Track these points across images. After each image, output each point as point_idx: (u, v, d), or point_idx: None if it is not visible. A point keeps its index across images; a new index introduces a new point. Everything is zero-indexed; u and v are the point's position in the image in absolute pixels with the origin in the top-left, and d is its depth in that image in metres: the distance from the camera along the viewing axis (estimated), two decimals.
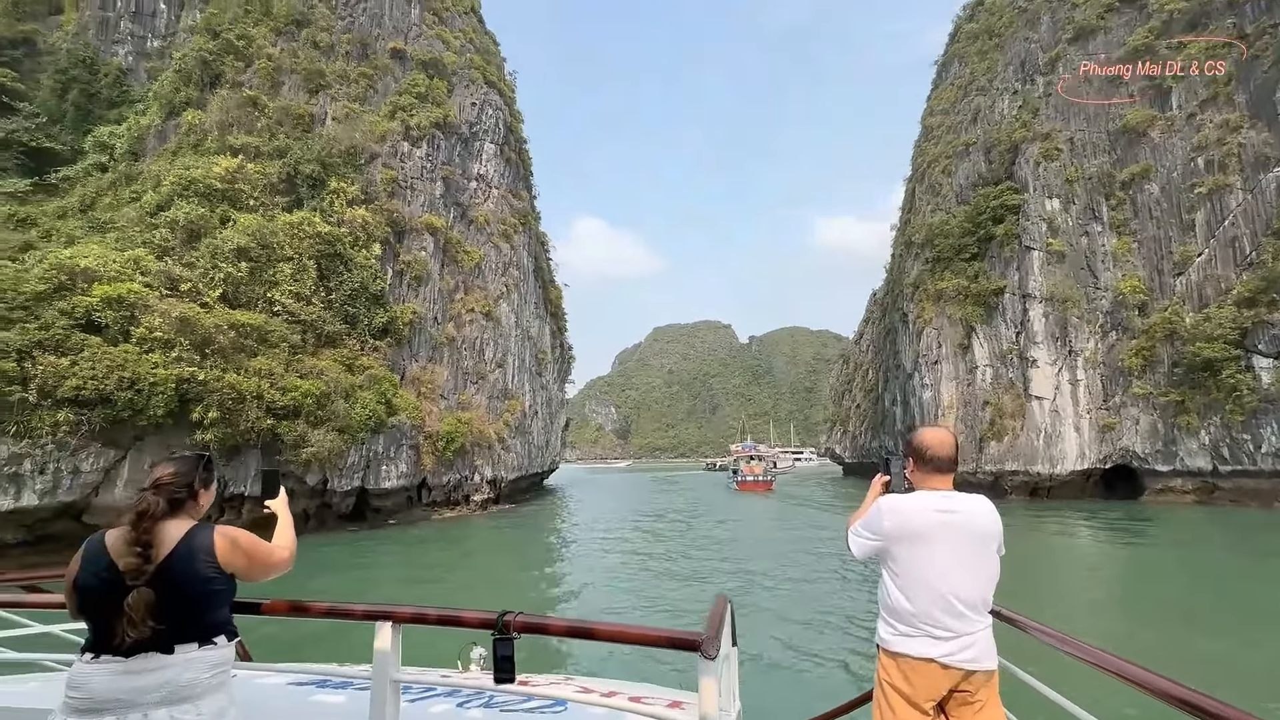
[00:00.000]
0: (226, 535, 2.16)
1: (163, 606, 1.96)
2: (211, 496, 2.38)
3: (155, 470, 2.20)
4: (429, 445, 35.44)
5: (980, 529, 2.65)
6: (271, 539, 2.40)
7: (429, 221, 41.52)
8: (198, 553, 2.08)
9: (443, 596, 17.39)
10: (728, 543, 27.61)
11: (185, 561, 2.05)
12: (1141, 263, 40.57)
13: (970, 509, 2.67)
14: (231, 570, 2.16)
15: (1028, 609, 2.66)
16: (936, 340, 48.80)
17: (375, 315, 35.35)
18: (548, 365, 59.49)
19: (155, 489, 2.13)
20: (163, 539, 2.05)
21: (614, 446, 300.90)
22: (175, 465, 2.24)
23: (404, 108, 44.48)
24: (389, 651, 2.22)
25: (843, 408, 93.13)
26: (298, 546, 2.50)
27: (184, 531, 2.10)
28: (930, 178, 56.02)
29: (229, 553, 2.14)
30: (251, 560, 2.21)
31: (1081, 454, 40.23)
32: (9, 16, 47.94)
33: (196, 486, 2.26)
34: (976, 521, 2.65)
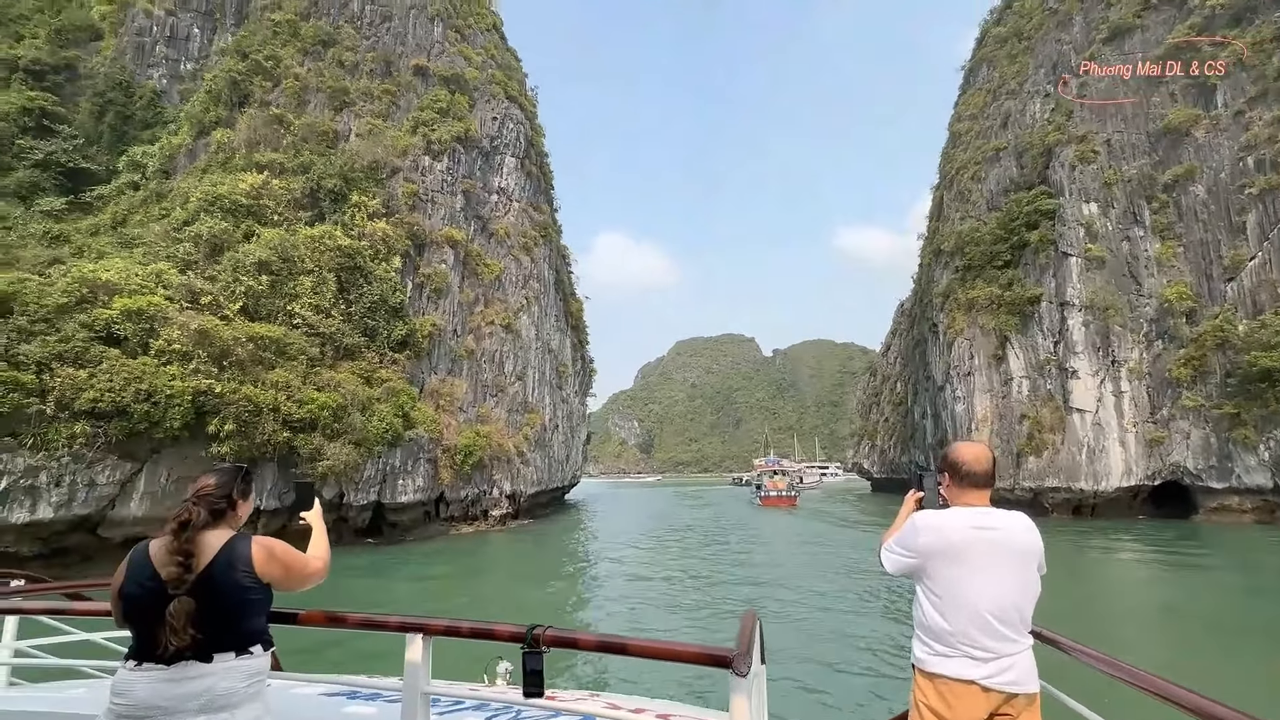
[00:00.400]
0: (264, 545, 2.23)
1: (202, 615, 2.02)
2: (250, 507, 2.44)
3: (197, 481, 2.28)
4: (447, 459, 35.02)
5: (1020, 546, 2.57)
6: (305, 550, 2.47)
7: (449, 234, 41.54)
8: (236, 562, 2.14)
9: (461, 614, 16.70)
10: (748, 562, 26.43)
11: (224, 571, 2.11)
12: (1188, 268, 38.56)
13: (1010, 525, 2.60)
14: (268, 580, 2.22)
15: (1073, 632, 2.56)
16: (969, 351, 47.03)
17: (394, 328, 35.23)
18: (568, 378, 59.02)
19: (197, 500, 2.20)
20: (203, 549, 2.11)
21: (637, 461, 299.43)
22: (216, 477, 2.31)
23: (425, 123, 44.84)
24: (420, 664, 2.25)
25: (870, 421, 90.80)
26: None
27: (224, 541, 2.16)
28: (959, 184, 54.50)
29: (266, 562, 2.20)
30: (288, 570, 2.27)
31: (1128, 470, 38.06)
32: (52, 44, 49.84)
33: (235, 497, 2.32)
34: (1017, 539, 2.58)
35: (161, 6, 53.07)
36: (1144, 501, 39.54)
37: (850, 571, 23.09)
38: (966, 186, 53.32)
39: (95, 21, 52.56)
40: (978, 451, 2.75)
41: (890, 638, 13.67)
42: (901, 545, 2.70)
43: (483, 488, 38.26)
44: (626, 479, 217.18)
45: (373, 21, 51.62)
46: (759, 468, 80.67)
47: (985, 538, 2.54)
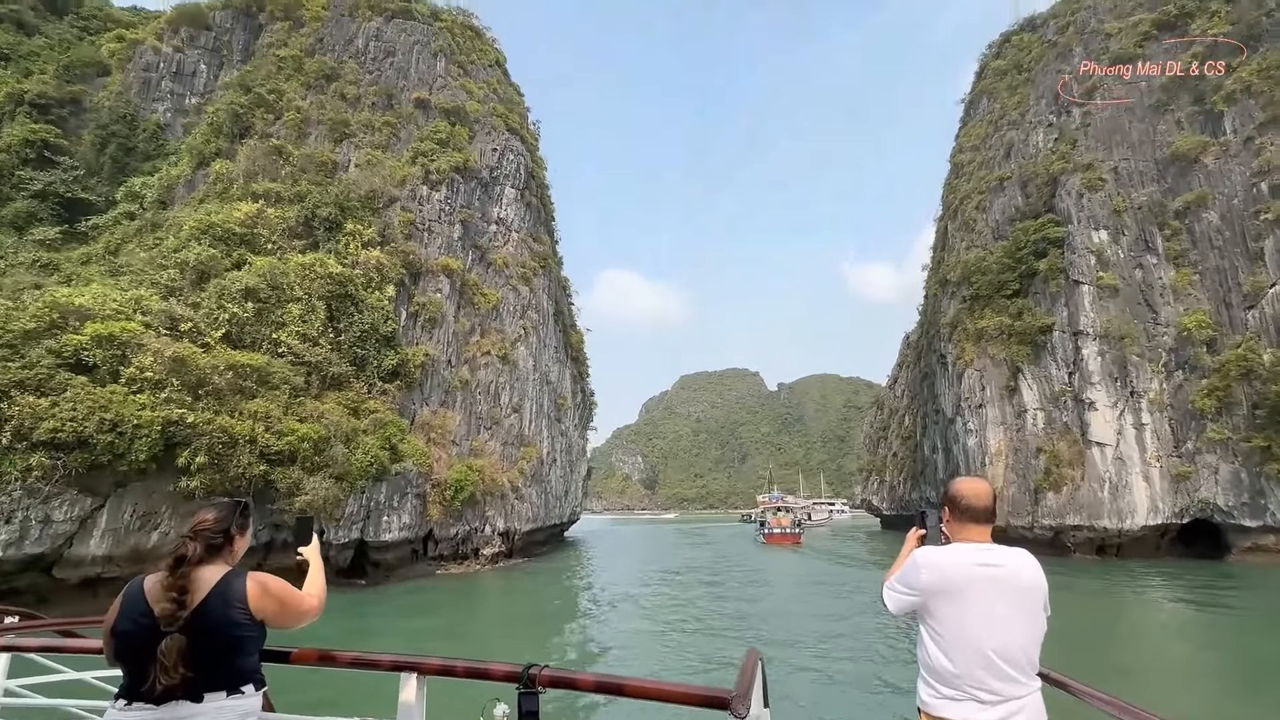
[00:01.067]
0: (258, 580, 2.21)
1: (194, 653, 2.00)
2: (247, 542, 2.41)
3: (195, 516, 2.27)
4: (436, 494, 33.46)
5: (1024, 584, 2.49)
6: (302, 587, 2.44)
7: (445, 263, 40.86)
8: (231, 599, 2.11)
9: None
10: (748, 611, 24.57)
11: (218, 608, 2.08)
12: (1205, 296, 37.33)
13: (1013, 563, 2.52)
14: (262, 617, 2.18)
15: (1100, 681, 2.44)
16: (979, 382, 45.54)
17: (385, 357, 34.15)
18: (568, 411, 57.62)
19: (194, 535, 2.19)
20: (198, 584, 2.09)
21: (641, 497, 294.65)
22: (214, 511, 2.30)
23: (425, 153, 44.71)
24: (414, 705, 2.24)
25: (878, 456, 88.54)
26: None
27: (219, 577, 2.15)
28: (963, 214, 53.88)
29: (260, 598, 2.17)
30: (283, 606, 2.25)
31: (1154, 507, 36.08)
32: (59, 79, 50.50)
33: (233, 532, 2.30)
34: (1020, 576, 2.50)
35: (170, 44, 54.03)
36: (1172, 541, 37.41)
37: (857, 613, 21.47)
38: (971, 216, 52.66)
39: (104, 58, 53.41)
40: (978, 486, 2.73)
41: (896, 682, 13.31)
42: (903, 583, 2.66)
43: (474, 525, 36.54)
44: (638, 514, 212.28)
45: (376, 57, 52.24)
46: (762, 504, 78.50)
47: (988, 575, 2.48)
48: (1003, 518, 41.94)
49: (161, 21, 56.32)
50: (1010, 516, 41.54)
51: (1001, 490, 42.59)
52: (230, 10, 57.03)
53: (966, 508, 2.65)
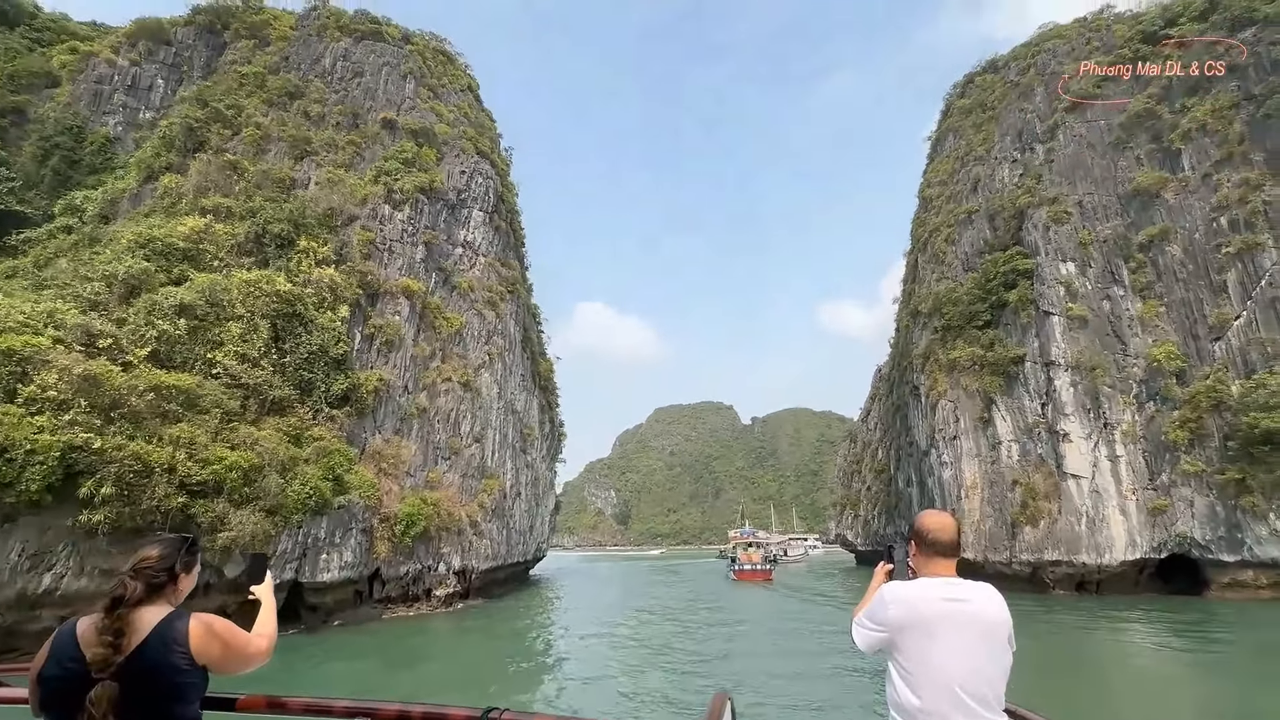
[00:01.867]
0: (203, 621, 2.08)
1: (127, 702, 1.86)
2: (193, 581, 2.30)
3: (137, 552, 2.15)
4: (385, 530, 30.95)
5: (990, 619, 2.48)
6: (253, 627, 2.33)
7: (406, 285, 39.05)
8: (171, 642, 1.99)
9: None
10: (719, 654, 22.65)
11: (157, 651, 1.96)
12: (1172, 327, 37.50)
13: (978, 597, 2.53)
14: (204, 661, 2.05)
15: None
16: (953, 414, 44.96)
17: (335, 381, 31.94)
18: (534, 441, 55.39)
19: (134, 573, 2.06)
20: (136, 627, 1.97)
21: (614, 532, 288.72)
22: (158, 547, 2.18)
23: (389, 172, 43.28)
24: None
25: (852, 490, 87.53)
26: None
27: (160, 618, 2.02)
28: (933, 247, 54.29)
29: (204, 640, 2.05)
30: (227, 649, 2.12)
31: (1131, 541, 35.32)
32: (3, 89, 48.20)
33: (178, 570, 2.19)
34: (987, 611, 2.49)
35: (126, 56, 52.24)
36: (1151, 576, 36.59)
37: (828, 654, 19.93)
38: (940, 248, 53.04)
39: (54, 70, 51.31)
40: (943, 520, 2.75)
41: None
42: (871, 619, 2.63)
43: (427, 563, 33.92)
44: (621, 550, 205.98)
45: (343, 77, 51.15)
46: (734, 539, 76.70)
47: (954, 610, 2.47)
48: (980, 553, 40.85)
49: (119, 35, 54.63)
50: (988, 551, 40.45)
51: (978, 524, 41.61)
52: (193, 27, 55.70)
53: (933, 542, 2.67)
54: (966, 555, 41.63)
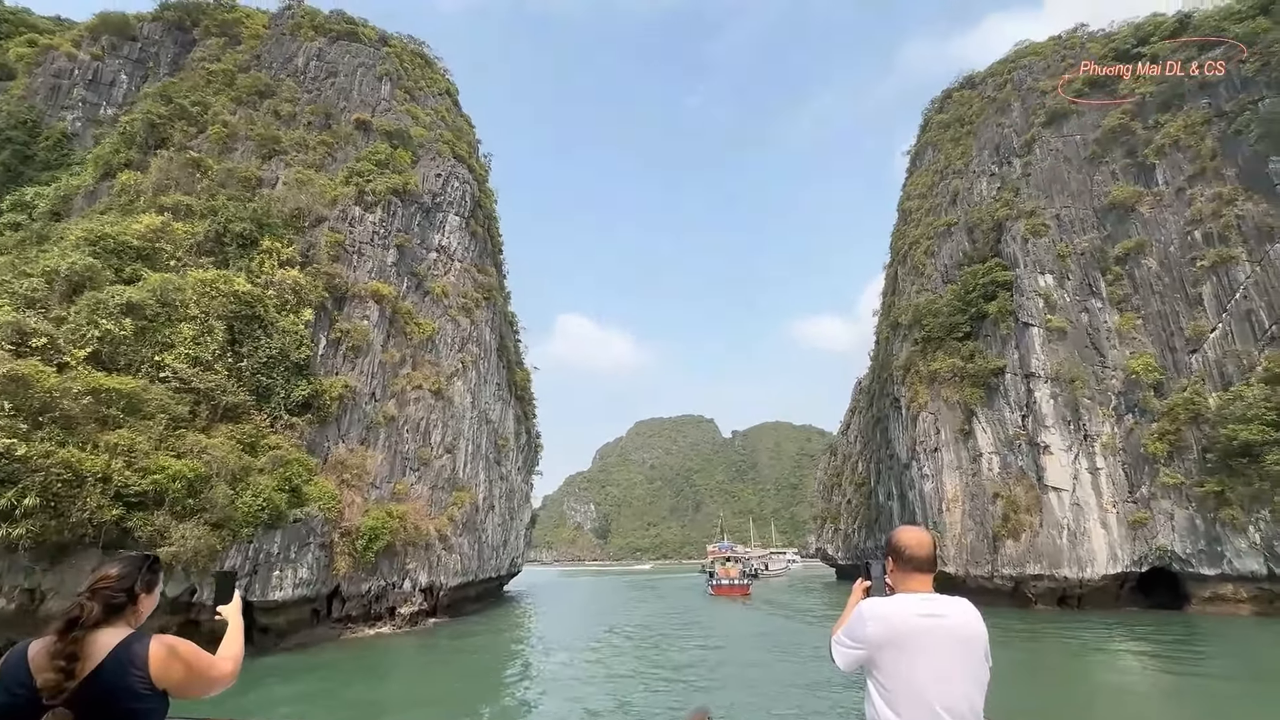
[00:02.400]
0: (164, 643, 2.02)
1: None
2: (154, 602, 2.23)
3: (95, 572, 2.08)
4: (345, 544, 29.28)
5: (968, 634, 2.48)
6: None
7: (375, 289, 37.65)
8: (129, 666, 1.91)
9: None
10: (693, 666, 21.50)
11: (114, 676, 1.89)
12: (1149, 340, 37.59)
13: (956, 612, 2.53)
14: (165, 685, 1.97)
15: None
16: (934, 425, 44.59)
17: (296, 387, 30.36)
18: (509, 453, 53.86)
19: (92, 593, 2.00)
20: (92, 650, 1.90)
21: (593, 547, 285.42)
22: (118, 566, 2.11)
23: (361, 173, 41.97)
24: None
25: (832, 504, 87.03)
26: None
27: (118, 641, 1.95)
28: (912, 259, 54.35)
29: (165, 663, 1.97)
30: (190, 671, 2.04)
31: (1113, 555, 34.97)
32: None
33: (138, 590, 2.10)
34: (964, 627, 2.49)
35: (88, 50, 50.31)
36: (1131, 591, 36.26)
37: (811, 682, 18.84)
38: (920, 261, 53.09)
39: (10, 62, 49.26)
40: (920, 535, 2.73)
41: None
42: (850, 636, 2.61)
43: (391, 580, 32.25)
44: (609, 565, 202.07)
45: (317, 77, 49.85)
46: (712, 554, 75.85)
47: (932, 626, 2.46)
48: (961, 567, 40.27)
49: (81, 28, 52.73)
50: (969, 565, 39.88)
51: (959, 538, 41.08)
52: (161, 23, 53.96)
53: (910, 557, 2.66)
54: (948, 569, 41.04)
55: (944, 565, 41.55)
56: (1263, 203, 34.48)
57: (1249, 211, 34.80)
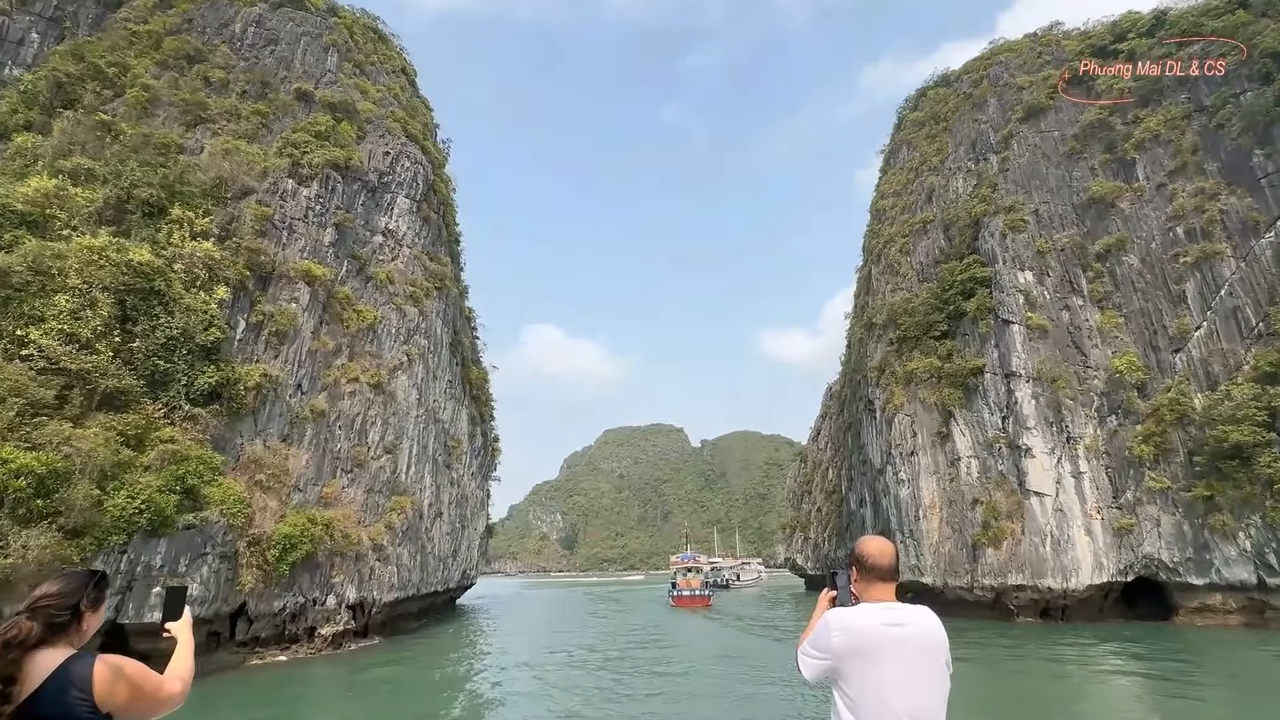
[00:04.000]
0: (110, 664, 1.94)
1: None
2: (100, 620, 2.11)
3: (37, 589, 1.99)
4: (254, 555, 25.33)
5: (931, 643, 2.53)
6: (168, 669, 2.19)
7: (306, 269, 33.79)
8: (70, 687, 1.83)
9: None
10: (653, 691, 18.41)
11: (55, 699, 1.80)
12: (1132, 339, 36.18)
13: (918, 621, 2.56)
14: (109, 708, 1.88)
15: None
16: (910, 428, 42.55)
17: (201, 373, 26.38)
18: (462, 456, 50.04)
19: (32, 612, 1.91)
20: (32, 672, 1.81)
21: (559, 557, 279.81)
22: (60, 583, 2.02)
23: (297, 144, 38.11)
24: None
25: (802, 512, 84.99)
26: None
27: (59, 662, 1.87)
28: (887, 258, 52.68)
29: (109, 685, 1.89)
30: (136, 693, 1.96)
31: (1098, 564, 33.13)
32: None
33: (83, 608, 2.01)
34: (926, 636, 2.53)
35: None
36: (1115, 601, 34.48)
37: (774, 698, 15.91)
38: (895, 259, 51.42)
39: None
40: (882, 545, 2.77)
41: None
42: (815, 647, 2.62)
43: (312, 595, 28.31)
44: (624, 576, 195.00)
45: (255, 44, 45.73)
46: (675, 564, 73.77)
47: (895, 635, 2.49)
48: (939, 577, 38.09)
49: None
50: (947, 575, 37.72)
51: (936, 546, 38.94)
52: None
53: (873, 566, 2.69)
54: (924, 580, 38.82)
55: (920, 575, 39.34)
56: (1246, 197, 33.41)
57: (1233, 206, 33.69)
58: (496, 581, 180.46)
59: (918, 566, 39.44)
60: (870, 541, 2.78)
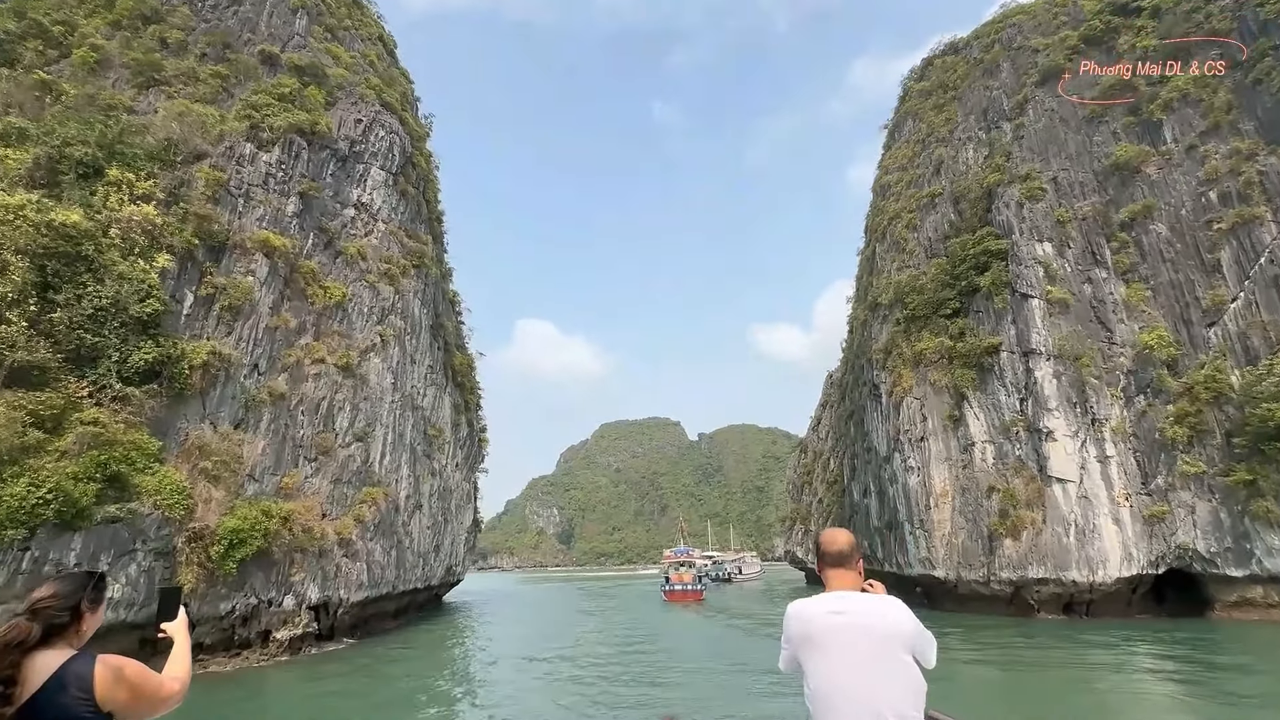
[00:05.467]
0: (110, 665, 1.93)
1: None
2: (99, 620, 2.12)
3: (37, 590, 1.99)
4: (196, 552, 22.58)
5: (882, 631, 2.40)
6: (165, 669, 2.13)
7: (265, 239, 30.88)
8: (71, 687, 1.82)
9: None
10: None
11: (55, 698, 1.79)
12: (1161, 312, 33.57)
13: (864, 609, 2.47)
14: (110, 708, 1.88)
15: None
16: (919, 412, 39.93)
17: (136, 349, 23.55)
18: (445, 446, 47.31)
19: (32, 613, 1.90)
20: (33, 672, 1.80)
21: (555, 552, 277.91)
22: (60, 584, 2.02)
23: (258, 107, 35.12)
24: None
25: (802, 504, 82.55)
26: None
27: (60, 663, 1.86)
28: (893, 234, 49.94)
29: (110, 686, 1.88)
30: (137, 694, 1.95)
31: (1127, 555, 30.61)
32: None
33: (82, 609, 2.01)
34: (873, 624, 2.42)
35: None
36: (1144, 595, 31.99)
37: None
38: (901, 235, 48.69)
39: None
40: (833, 533, 2.77)
41: None
42: (784, 637, 2.64)
43: (267, 595, 25.58)
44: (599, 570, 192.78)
45: (217, 4, 42.56)
46: (668, 559, 72.24)
47: (839, 624, 2.44)
48: (952, 570, 35.53)
49: None
50: (961, 568, 35.17)
51: (949, 537, 36.38)
52: None
53: (823, 554, 2.72)
54: (936, 573, 36.29)
55: (932, 569, 36.79)
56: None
57: (1272, 166, 31.05)
58: (492, 577, 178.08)
59: (929, 559, 36.90)
60: (825, 531, 2.78)
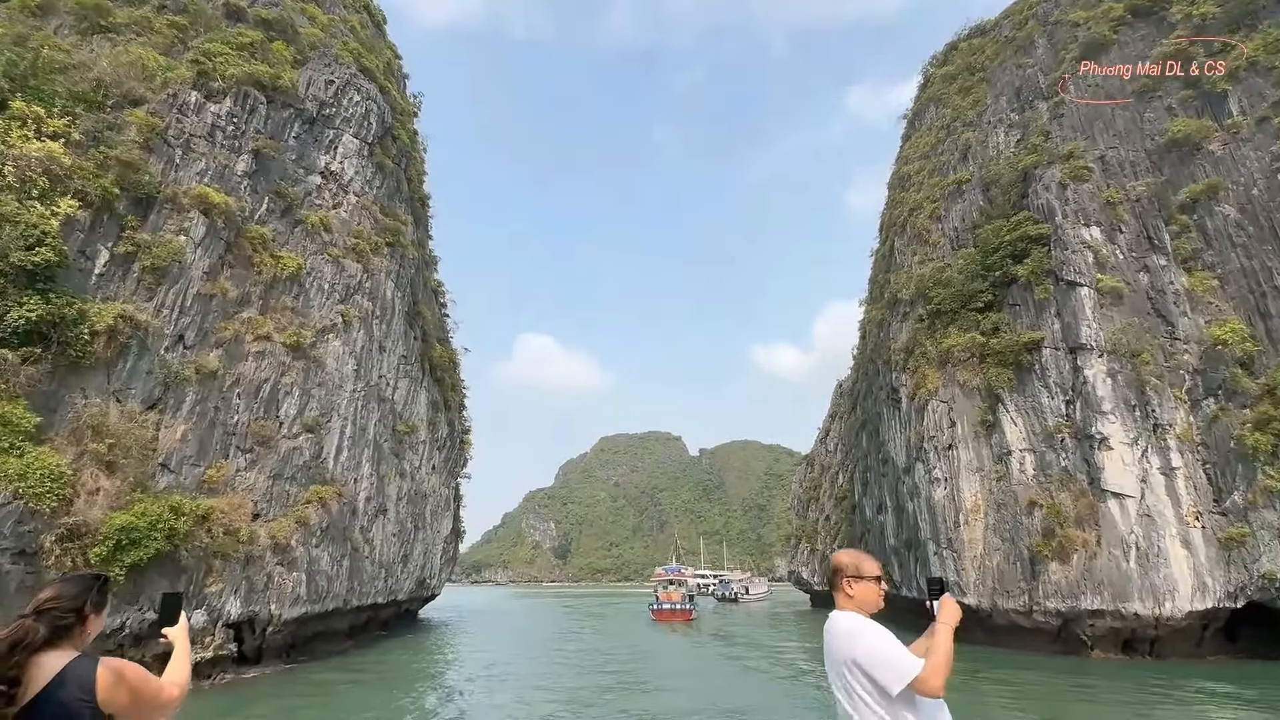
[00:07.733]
0: (111, 668, 1.97)
1: None
2: (102, 623, 2.17)
3: (42, 592, 1.99)
4: (69, 552, 18.22)
5: (829, 651, 2.52)
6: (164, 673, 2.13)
7: (203, 194, 26.86)
8: (74, 689, 1.84)
9: None
10: None
11: (58, 700, 1.81)
12: (1231, 304, 29.23)
13: (829, 630, 2.58)
14: (111, 710, 1.91)
15: None
16: (947, 417, 35.50)
17: (18, 305, 19.44)
18: (418, 445, 42.97)
19: (37, 615, 1.92)
20: (37, 673, 1.83)
21: (551, 567, 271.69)
22: (65, 586, 2.07)
23: (211, 54, 31.37)
24: None
25: (808, 521, 77.62)
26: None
27: (63, 664, 1.88)
28: (913, 226, 45.87)
29: (111, 689, 1.91)
30: (137, 698, 1.98)
31: (1200, 585, 25.96)
32: None
33: (87, 611, 2.05)
34: (828, 645, 2.55)
35: None
36: (1216, 633, 27.25)
37: None
38: (924, 226, 44.61)
39: None
40: (833, 555, 2.82)
41: None
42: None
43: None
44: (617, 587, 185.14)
45: None
46: (658, 576, 67.92)
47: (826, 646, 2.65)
48: (985, 597, 30.86)
49: None
50: (996, 596, 30.52)
51: (981, 559, 31.76)
52: None
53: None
54: (967, 601, 31.53)
55: (962, 595, 32.02)
56: None
57: None
58: (483, 591, 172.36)
59: (958, 583, 32.21)
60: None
